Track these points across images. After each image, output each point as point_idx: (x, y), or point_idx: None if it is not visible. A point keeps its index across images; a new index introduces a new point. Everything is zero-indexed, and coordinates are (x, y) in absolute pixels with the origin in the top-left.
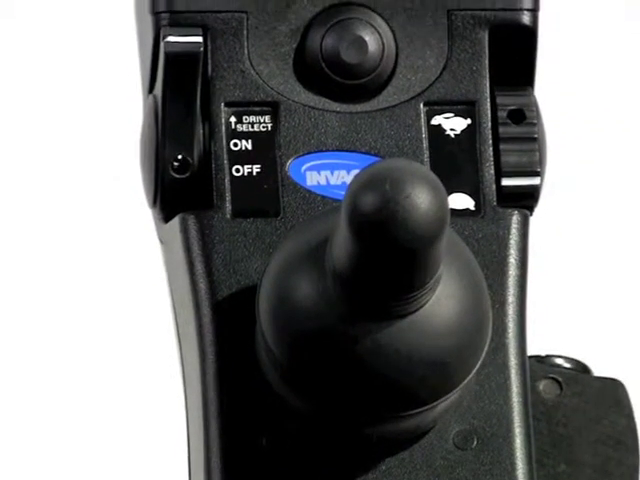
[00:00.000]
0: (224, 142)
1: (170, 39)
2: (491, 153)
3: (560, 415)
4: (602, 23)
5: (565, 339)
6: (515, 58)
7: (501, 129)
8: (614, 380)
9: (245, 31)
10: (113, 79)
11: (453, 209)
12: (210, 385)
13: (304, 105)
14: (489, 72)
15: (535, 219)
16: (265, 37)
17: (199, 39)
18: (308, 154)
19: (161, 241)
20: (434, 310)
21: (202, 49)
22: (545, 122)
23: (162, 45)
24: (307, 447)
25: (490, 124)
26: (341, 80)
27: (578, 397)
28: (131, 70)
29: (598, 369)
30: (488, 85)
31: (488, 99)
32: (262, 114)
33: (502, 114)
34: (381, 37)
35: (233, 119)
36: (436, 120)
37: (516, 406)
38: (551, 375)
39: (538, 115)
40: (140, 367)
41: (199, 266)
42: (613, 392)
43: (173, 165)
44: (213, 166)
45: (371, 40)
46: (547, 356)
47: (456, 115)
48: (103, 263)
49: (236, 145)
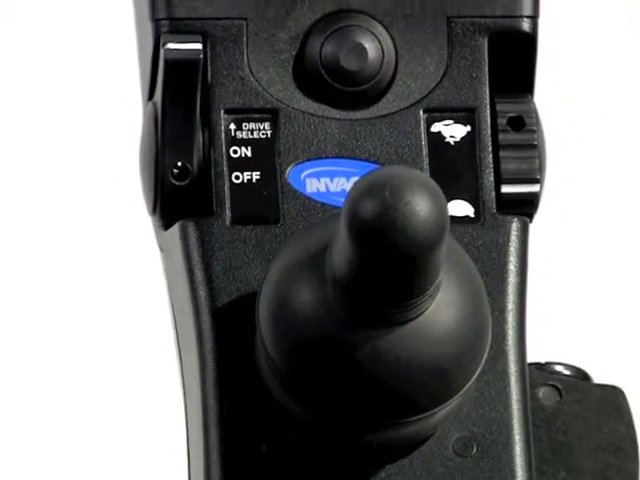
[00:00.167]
0: (224, 149)
1: (170, 46)
2: (491, 160)
3: (560, 422)
4: (601, 26)
5: (565, 346)
6: (515, 65)
7: (501, 136)
8: (614, 387)
9: (245, 38)
10: (112, 86)
11: (453, 216)
12: (210, 392)
13: (304, 112)
14: (489, 79)
15: (535, 225)
16: (265, 44)
17: (199, 46)
18: (308, 161)
19: (161, 248)
20: (434, 317)
21: (202, 56)
22: (545, 126)
23: (162, 52)
24: (307, 454)
25: (490, 131)
26: (341, 87)
27: (578, 404)
28: (131, 77)
29: (598, 376)
30: (488, 92)
31: (488, 106)
32: (262, 121)
33: (502, 121)
34: (381, 44)
35: (233, 126)
36: (436, 127)
37: (516, 413)
38: (551, 382)
39: (538, 122)
40: (140, 374)
41: (199, 273)
42: (613, 399)
43: (173, 172)
44: (213, 173)
45: (371, 47)
46: (547, 363)
47: (456, 122)
48: (103, 271)
49: (236, 152)
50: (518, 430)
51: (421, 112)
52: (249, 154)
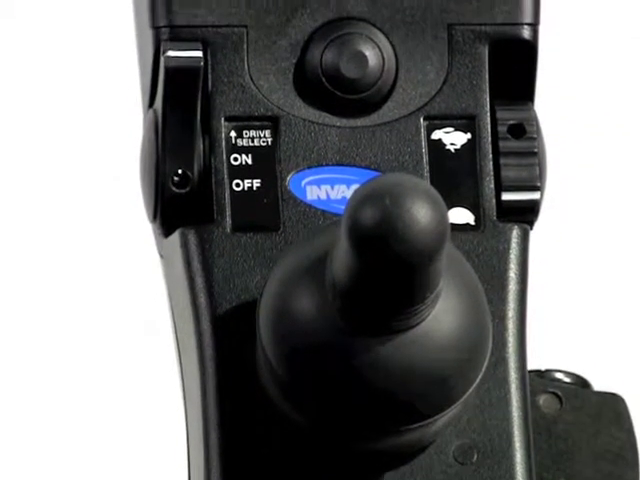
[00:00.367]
0: (224, 157)
1: (170, 54)
2: (491, 167)
3: (560, 430)
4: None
5: (565, 354)
6: (515, 72)
7: (501, 143)
8: (614, 395)
9: (245, 46)
10: (113, 93)
11: (453, 224)
12: (210, 399)
13: (304, 120)
14: (489, 86)
15: (535, 233)
16: (265, 52)
17: (199, 54)
18: (308, 168)
19: (161, 256)
20: (434, 325)
21: (202, 64)
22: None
23: (162, 60)
24: (307, 461)
25: (490, 138)
26: (341, 95)
27: (578, 412)
28: (131, 84)
29: (598, 384)
30: (488, 100)
31: (488, 113)
32: (262, 129)
33: (502, 129)
34: (381, 52)
35: (233, 134)
36: (436, 134)
37: (516, 420)
38: (551, 390)
39: (538, 130)
40: (140, 380)
41: (199, 280)
42: (613, 407)
43: (173, 180)
44: (213, 181)
45: (371, 55)
46: (547, 370)
47: (456, 129)
48: (103, 278)
49: (236, 160)
50: (518, 437)
51: (421, 119)
52: (250, 162)
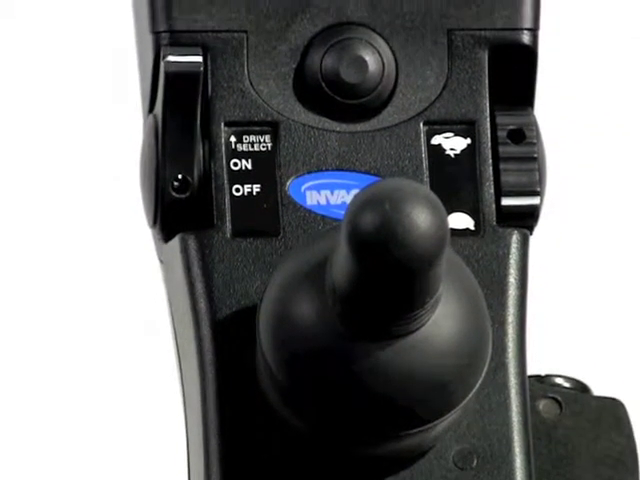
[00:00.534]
0: (224, 162)
1: (170, 59)
2: (491, 173)
3: (560, 435)
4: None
5: (565, 359)
6: (515, 78)
7: (501, 149)
8: (614, 400)
9: (245, 51)
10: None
11: (453, 229)
12: (210, 404)
13: (304, 125)
14: (489, 92)
15: (535, 238)
16: (265, 57)
17: (199, 59)
18: (308, 174)
19: (161, 261)
20: (434, 330)
21: (202, 69)
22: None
23: (162, 65)
24: (307, 466)
25: (490, 144)
26: (341, 100)
27: (578, 417)
28: (131, 89)
29: (598, 389)
30: (488, 105)
31: (488, 119)
32: (262, 134)
33: (502, 134)
34: (381, 57)
35: (233, 139)
36: (436, 140)
37: (516, 425)
38: (551, 395)
39: (538, 135)
40: (140, 386)
41: (199, 286)
42: (613, 412)
43: (173, 185)
44: (213, 186)
45: (371, 60)
46: (547, 376)
47: (456, 135)
48: (102, 283)
49: (236, 165)
50: (518, 442)
51: (421, 125)
52: (249, 167)
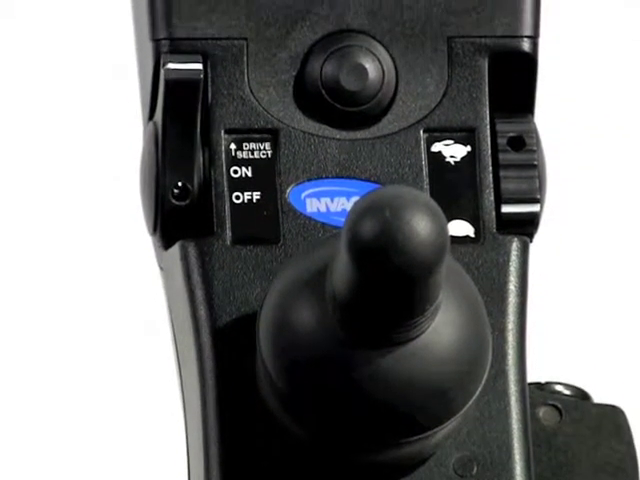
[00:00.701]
0: (224, 169)
1: (170, 66)
2: (491, 180)
3: (560, 442)
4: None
5: (565, 366)
6: (515, 85)
7: (501, 156)
8: (614, 407)
9: (245, 58)
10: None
11: (453, 236)
12: (210, 411)
13: (304, 132)
14: (489, 99)
15: (535, 245)
16: (265, 64)
17: (199, 66)
18: (308, 181)
19: (161, 268)
20: (434, 337)
21: (202, 76)
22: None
23: (162, 72)
24: (307, 473)
25: (490, 151)
26: (341, 107)
27: (578, 424)
28: (131, 97)
29: (598, 396)
30: (488, 112)
31: (488, 126)
32: (262, 141)
33: (502, 141)
34: (381, 64)
35: (233, 146)
36: (436, 147)
37: (516, 433)
38: (551, 402)
39: (538, 142)
40: (140, 392)
41: (199, 293)
42: (613, 419)
43: (173, 192)
44: (213, 193)
45: (371, 67)
46: (547, 383)
47: (456, 142)
48: (103, 291)
49: (236, 172)
50: (518, 450)
51: (421, 132)
52: (249, 174)
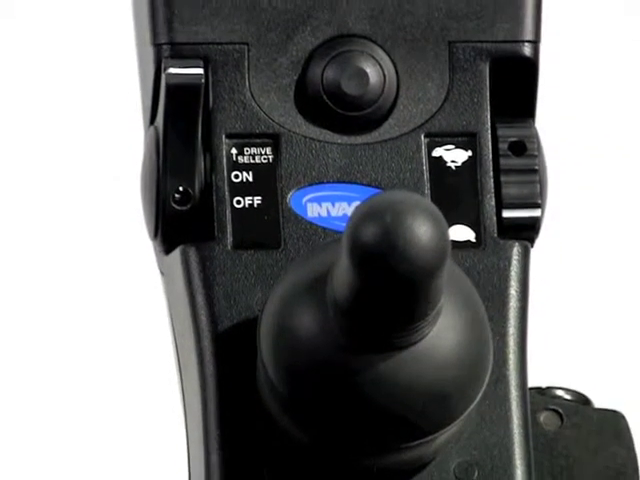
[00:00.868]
0: (225, 174)
1: (171, 71)
2: (492, 185)
3: (561, 447)
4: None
5: (566, 371)
6: (516, 90)
7: (502, 161)
8: (615, 412)
9: (246, 63)
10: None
11: (454, 241)
12: (211, 416)
13: (305, 137)
14: (490, 104)
15: (536, 250)
16: (266, 69)
17: (200, 71)
18: (309, 186)
19: (162, 273)
20: (435, 342)
21: (203, 81)
22: (545, 147)
23: (163, 77)
24: (308, 477)
25: (491, 156)
26: (342, 112)
27: (579, 429)
28: (132, 101)
29: (599, 401)
30: (489, 117)
31: (489, 131)
32: (263, 146)
33: (503, 146)
34: (382, 69)
35: (234, 151)
36: (437, 152)
37: (517, 438)
38: (552, 407)
39: (539, 147)
40: (141, 396)
41: (200, 298)
42: (614, 424)
43: (174, 197)
44: (214, 198)
45: (372, 72)
46: (548, 388)
47: (457, 147)
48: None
49: (237, 177)
50: (519, 455)
51: (422, 137)
52: (250, 179)
